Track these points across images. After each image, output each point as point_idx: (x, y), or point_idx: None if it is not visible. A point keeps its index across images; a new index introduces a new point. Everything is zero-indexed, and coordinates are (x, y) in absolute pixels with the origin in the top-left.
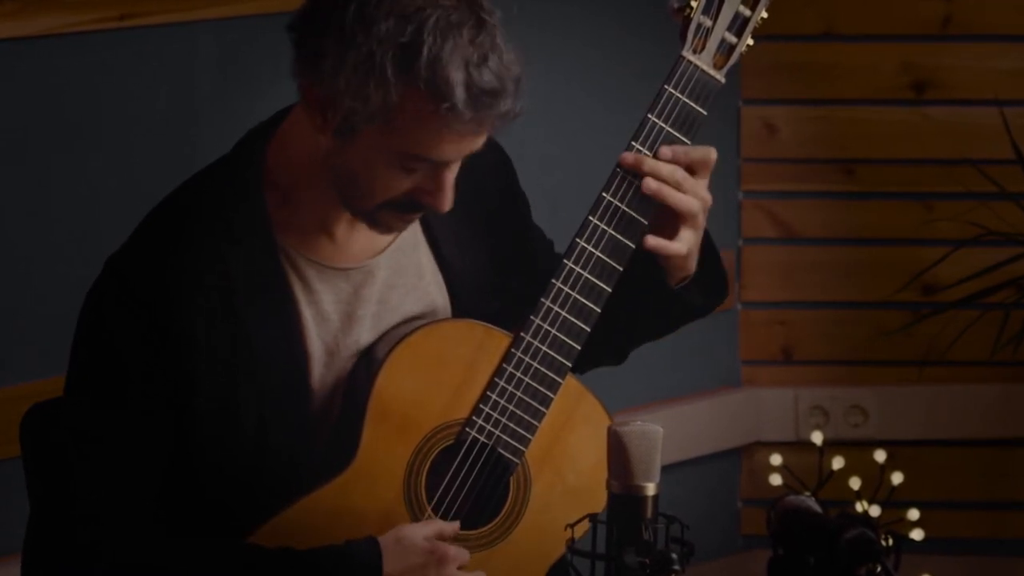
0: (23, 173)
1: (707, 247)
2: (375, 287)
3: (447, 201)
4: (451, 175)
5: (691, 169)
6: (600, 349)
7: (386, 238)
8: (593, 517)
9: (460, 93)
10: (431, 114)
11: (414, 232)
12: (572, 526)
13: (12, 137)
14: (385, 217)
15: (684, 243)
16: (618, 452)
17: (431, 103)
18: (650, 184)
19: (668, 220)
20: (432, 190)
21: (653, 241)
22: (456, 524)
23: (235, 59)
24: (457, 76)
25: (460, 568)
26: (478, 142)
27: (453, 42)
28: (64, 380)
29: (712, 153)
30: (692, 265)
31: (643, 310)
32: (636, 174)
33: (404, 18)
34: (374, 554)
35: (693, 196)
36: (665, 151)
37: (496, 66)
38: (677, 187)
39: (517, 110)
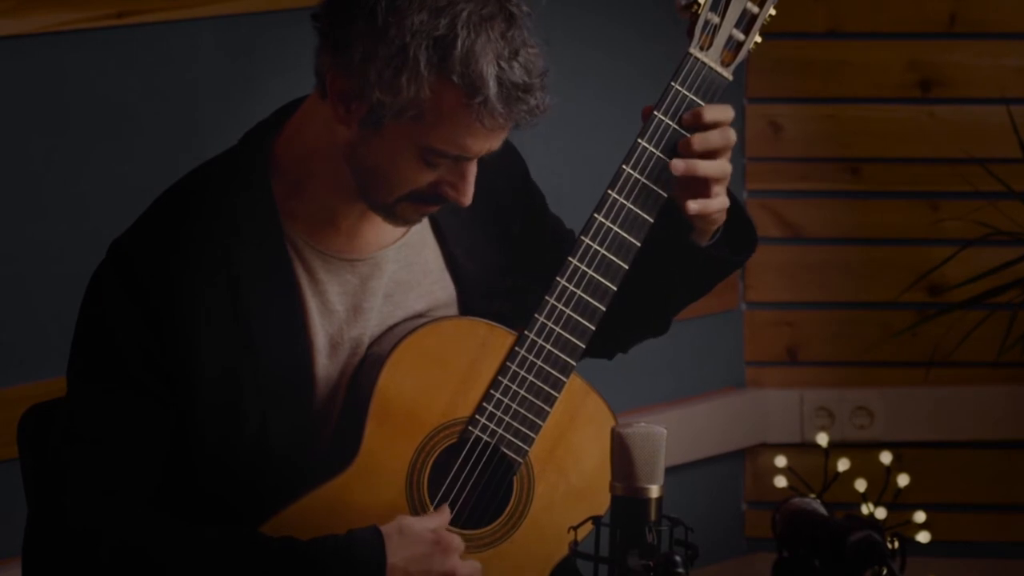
0: (21, 173)
1: (731, 201)
2: (382, 280)
3: (469, 194)
4: (474, 168)
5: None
6: (641, 325)
7: (395, 232)
8: (596, 519)
9: (493, 87)
10: (462, 108)
11: (422, 229)
12: (575, 528)
13: (10, 136)
14: (404, 210)
15: (720, 200)
16: (622, 454)
17: (463, 97)
18: (678, 165)
19: (696, 186)
20: (455, 182)
21: (696, 205)
22: (449, 514)
23: (236, 57)
24: (490, 70)
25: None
26: (502, 138)
27: (486, 35)
28: (63, 381)
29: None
30: (722, 216)
31: (679, 276)
32: (645, 166)
33: (437, 11)
34: (377, 544)
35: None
36: (688, 117)
37: (525, 60)
38: (707, 156)
39: (545, 105)
